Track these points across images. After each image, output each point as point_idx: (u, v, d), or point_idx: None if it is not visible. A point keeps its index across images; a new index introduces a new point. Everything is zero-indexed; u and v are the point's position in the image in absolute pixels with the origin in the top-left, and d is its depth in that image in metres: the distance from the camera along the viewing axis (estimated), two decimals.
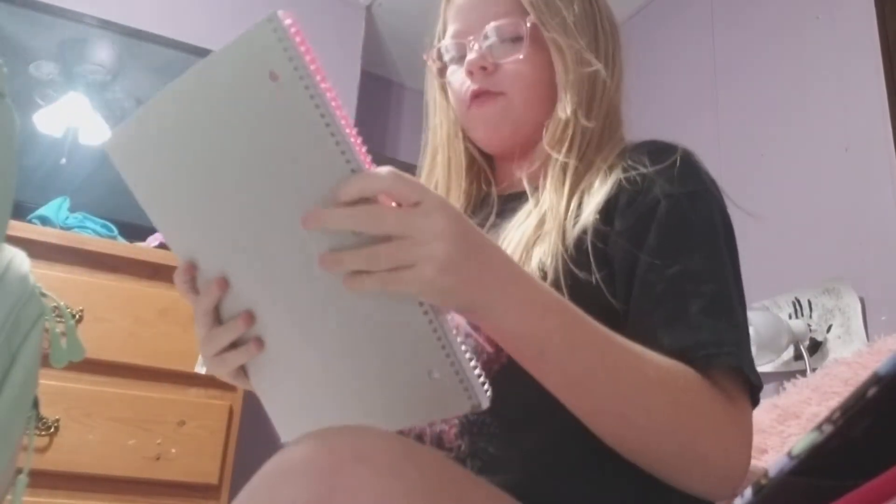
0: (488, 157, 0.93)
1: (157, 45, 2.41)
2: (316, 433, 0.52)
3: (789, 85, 2.14)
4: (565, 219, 0.73)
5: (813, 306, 1.88)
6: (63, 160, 2.21)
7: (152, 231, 2.12)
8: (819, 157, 1.99)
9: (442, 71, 0.90)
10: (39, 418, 1.66)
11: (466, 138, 0.90)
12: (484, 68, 0.83)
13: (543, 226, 0.74)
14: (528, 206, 0.79)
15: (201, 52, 2.45)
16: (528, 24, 0.82)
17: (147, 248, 2.02)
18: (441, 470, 0.55)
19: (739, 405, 0.65)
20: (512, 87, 0.83)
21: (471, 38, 0.85)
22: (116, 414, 1.77)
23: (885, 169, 1.82)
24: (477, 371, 0.55)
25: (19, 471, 0.98)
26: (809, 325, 1.86)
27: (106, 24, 2.35)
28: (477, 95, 0.84)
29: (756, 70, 2.27)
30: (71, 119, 2.26)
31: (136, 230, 2.11)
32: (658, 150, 0.78)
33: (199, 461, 1.82)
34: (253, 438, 2.08)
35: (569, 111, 0.81)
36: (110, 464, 1.75)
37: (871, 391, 0.27)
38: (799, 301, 1.90)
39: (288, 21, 0.51)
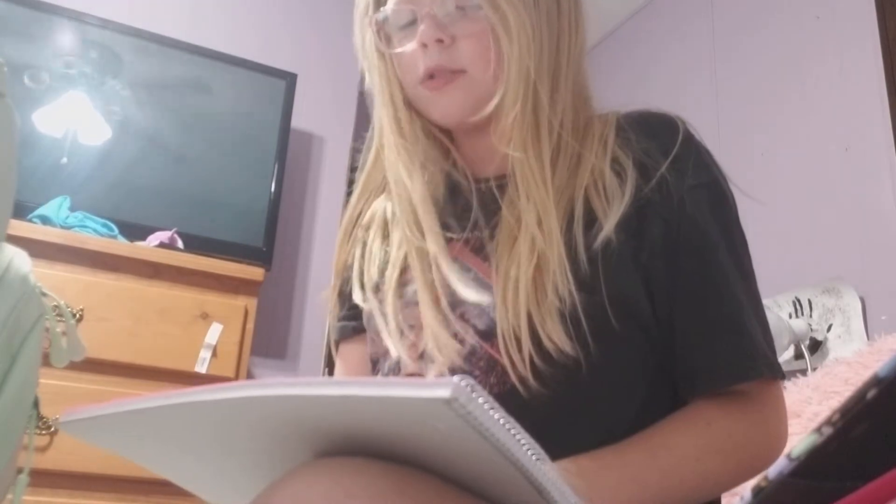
0: (446, 132, 0.81)
1: (157, 44, 2.41)
2: (303, 469, 0.46)
3: (789, 85, 2.14)
4: (566, 238, 0.68)
5: (813, 306, 1.88)
6: (63, 160, 2.21)
7: (152, 230, 2.12)
8: (819, 157, 1.99)
9: (386, 40, 0.78)
10: (40, 418, 1.67)
11: (419, 115, 0.79)
12: (440, 41, 0.72)
13: (536, 253, 0.67)
14: (508, 218, 0.71)
15: (202, 53, 2.45)
16: None
17: (147, 248, 2.02)
18: (437, 499, 0.48)
19: (770, 403, 0.70)
20: (473, 63, 0.73)
21: (421, 4, 0.73)
22: None
23: (885, 169, 1.82)
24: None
25: (20, 470, 0.98)
26: (810, 325, 1.86)
27: (107, 24, 2.35)
28: (433, 75, 0.73)
29: (756, 70, 2.27)
30: (71, 119, 2.26)
31: (137, 230, 2.12)
32: (660, 130, 0.74)
33: None
34: None
35: (527, 94, 0.71)
36: (111, 463, 1.75)
37: (871, 393, 0.27)
38: (799, 301, 1.90)
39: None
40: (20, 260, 0.93)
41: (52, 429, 1.70)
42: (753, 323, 0.69)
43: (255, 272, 2.05)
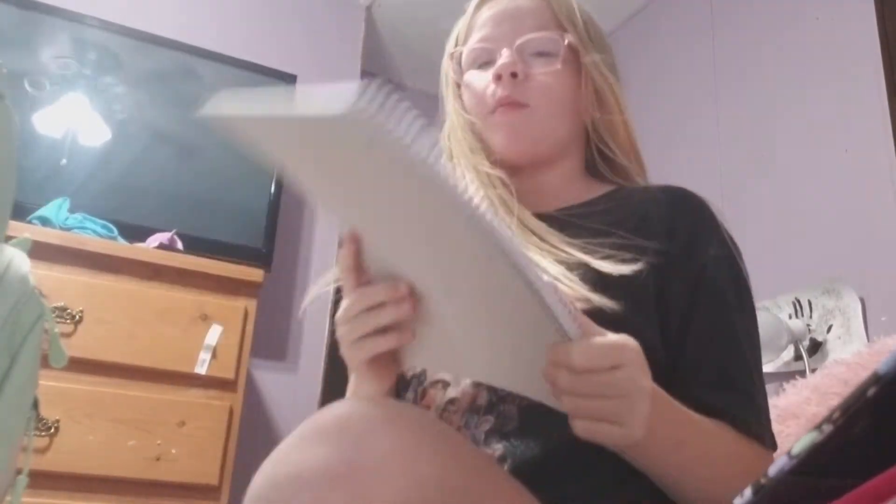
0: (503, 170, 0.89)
1: (157, 45, 2.41)
2: (350, 399, 0.55)
3: (789, 85, 2.14)
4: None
5: (813, 306, 1.88)
6: (63, 161, 2.21)
7: (152, 231, 2.12)
8: (819, 158, 1.99)
9: (459, 74, 0.89)
10: (40, 419, 1.67)
11: (483, 148, 0.86)
12: (514, 75, 0.82)
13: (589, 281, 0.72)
14: (558, 254, 0.75)
15: (202, 53, 2.45)
16: (566, 42, 0.83)
17: (147, 249, 2.02)
18: (464, 447, 0.57)
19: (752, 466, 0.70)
20: (538, 99, 0.82)
21: (502, 44, 0.84)
22: (117, 415, 1.77)
23: (885, 169, 1.82)
24: None
25: (19, 471, 0.98)
26: (809, 326, 1.86)
27: (107, 25, 2.35)
28: (502, 103, 0.82)
29: (756, 70, 2.27)
30: (71, 119, 2.26)
31: (136, 230, 2.11)
32: (690, 203, 0.81)
33: (199, 462, 1.82)
34: (253, 439, 2.08)
35: (588, 142, 0.85)
36: (111, 464, 1.75)
37: (871, 391, 0.27)
38: (799, 301, 1.90)
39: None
40: (19, 260, 0.93)
41: (52, 430, 1.70)
42: (759, 387, 0.73)
43: (254, 273, 2.05)
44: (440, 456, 0.52)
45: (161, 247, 2.05)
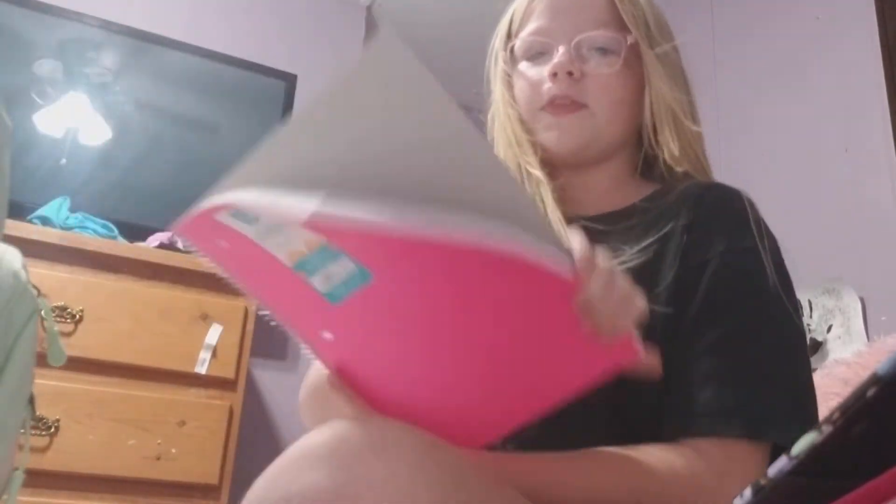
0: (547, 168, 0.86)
1: (157, 45, 2.41)
2: (340, 421, 0.52)
3: (789, 85, 2.14)
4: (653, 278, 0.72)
5: (813, 306, 1.88)
6: (63, 160, 2.21)
7: (152, 231, 2.12)
8: (819, 157, 1.99)
9: (511, 64, 0.85)
10: (39, 418, 1.67)
11: (530, 141, 0.83)
12: (570, 73, 0.78)
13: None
14: (626, 246, 0.74)
15: (202, 53, 2.45)
16: (629, 41, 0.79)
17: (147, 248, 2.02)
18: (461, 468, 0.54)
19: (734, 472, 0.64)
20: (597, 100, 0.79)
21: (559, 39, 0.80)
22: (116, 414, 1.77)
23: (885, 169, 1.82)
24: None
25: (15, 469, 0.98)
26: (809, 326, 1.86)
27: (106, 25, 2.35)
28: (556, 102, 0.79)
29: (756, 69, 2.27)
30: (71, 119, 2.26)
31: (137, 230, 2.11)
32: (712, 206, 0.76)
33: (199, 461, 1.82)
34: (253, 438, 2.08)
35: (639, 145, 0.81)
36: (110, 464, 1.75)
37: (871, 392, 0.27)
38: (799, 301, 1.90)
39: None
40: (11, 256, 0.92)
41: (52, 429, 1.70)
42: (763, 383, 0.66)
43: None
44: (437, 482, 0.50)
45: (161, 246, 2.05)
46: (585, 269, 0.52)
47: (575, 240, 0.55)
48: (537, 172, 0.80)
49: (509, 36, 0.86)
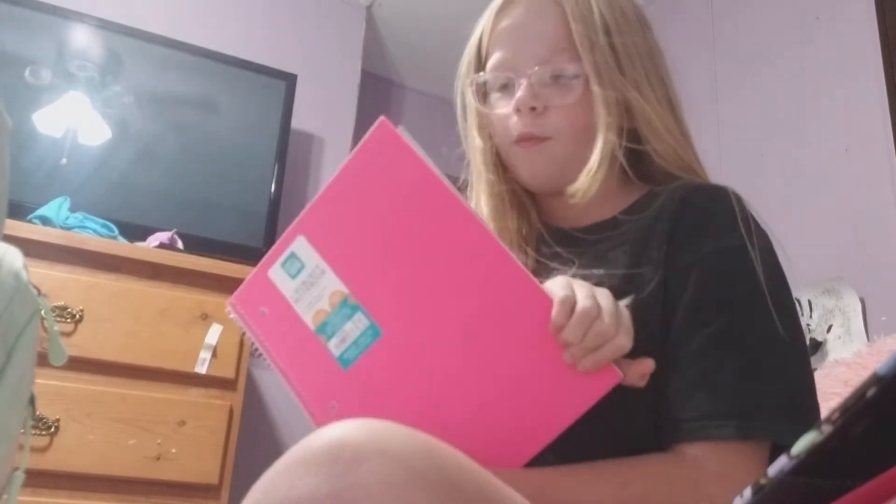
0: (528, 192, 0.88)
1: (157, 44, 2.41)
2: (339, 424, 0.52)
3: (789, 85, 2.14)
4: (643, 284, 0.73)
5: (813, 306, 1.88)
6: (63, 160, 2.21)
7: (152, 231, 2.12)
8: (819, 157, 1.99)
9: (482, 100, 0.86)
10: (40, 418, 1.67)
11: (506, 172, 0.86)
12: (533, 108, 0.79)
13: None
14: (599, 269, 0.75)
15: (202, 53, 2.45)
16: (583, 72, 0.78)
17: (147, 248, 2.02)
18: (462, 470, 0.54)
19: (732, 474, 0.64)
20: (560, 132, 0.80)
21: (520, 72, 0.81)
22: (117, 414, 1.77)
23: (885, 169, 1.82)
24: None
25: (16, 469, 0.98)
26: (809, 326, 1.86)
27: (106, 24, 2.35)
28: (522, 139, 0.81)
29: (756, 70, 2.27)
30: (71, 119, 2.26)
31: (137, 230, 2.12)
32: (697, 207, 0.76)
33: (199, 461, 1.82)
34: (253, 438, 2.08)
35: (612, 165, 0.79)
36: (111, 464, 1.75)
37: (871, 391, 0.27)
38: (799, 301, 1.90)
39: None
40: (12, 256, 0.92)
41: (52, 429, 1.70)
42: (751, 386, 0.66)
43: None
44: (439, 489, 0.49)
45: (161, 246, 2.05)
46: (562, 313, 0.59)
47: (556, 284, 0.62)
48: (519, 194, 0.84)
49: (479, 61, 0.87)
